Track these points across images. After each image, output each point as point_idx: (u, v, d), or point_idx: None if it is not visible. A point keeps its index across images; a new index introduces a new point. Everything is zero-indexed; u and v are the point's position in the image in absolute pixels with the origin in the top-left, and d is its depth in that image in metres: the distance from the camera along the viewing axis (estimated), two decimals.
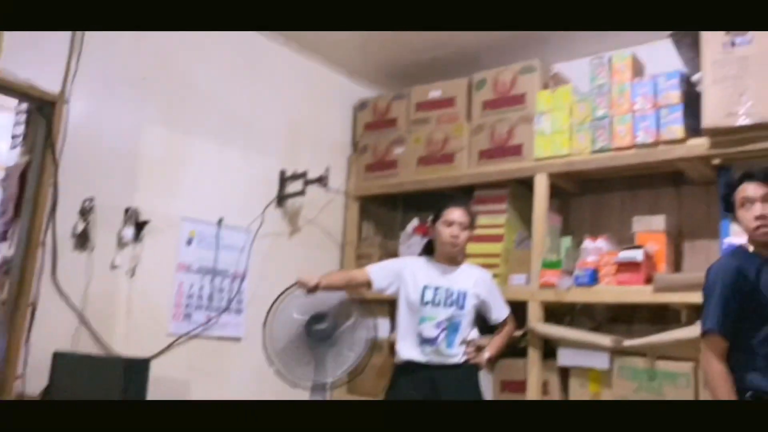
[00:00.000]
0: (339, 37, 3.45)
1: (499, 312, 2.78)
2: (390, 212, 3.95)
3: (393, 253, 3.40)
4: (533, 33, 3.28)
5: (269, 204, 3.39)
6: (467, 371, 2.64)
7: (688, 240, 3.02)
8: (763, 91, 2.48)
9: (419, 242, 3.40)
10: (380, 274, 2.74)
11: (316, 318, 2.71)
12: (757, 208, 2.10)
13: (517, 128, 3.21)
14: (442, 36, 3.40)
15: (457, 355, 2.63)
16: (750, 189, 2.13)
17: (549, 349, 2.98)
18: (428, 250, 2.82)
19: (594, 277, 2.85)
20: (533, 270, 3.02)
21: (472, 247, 3.28)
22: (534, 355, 2.95)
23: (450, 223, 2.69)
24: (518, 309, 3.10)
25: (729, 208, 2.21)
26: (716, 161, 2.78)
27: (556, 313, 3.07)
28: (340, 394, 3.35)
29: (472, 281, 2.72)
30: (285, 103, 3.53)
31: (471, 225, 2.75)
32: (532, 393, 2.92)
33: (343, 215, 3.77)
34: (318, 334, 2.70)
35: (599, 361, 2.76)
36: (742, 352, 2.07)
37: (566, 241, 3.16)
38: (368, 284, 2.72)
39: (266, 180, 3.41)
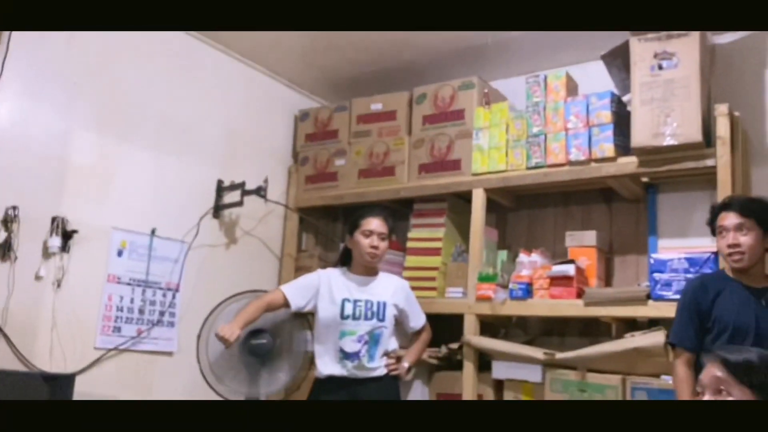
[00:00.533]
0: (281, 46, 3.43)
1: (417, 320, 2.80)
2: (330, 224, 3.94)
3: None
4: (472, 49, 3.34)
5: (205, 214, 3.32)
6: (388, 383, 2.63)
7: (618, 255, 3.12)
8: (687, 113, 2.60)
9: None
10: (296, 293, 2.67)
11: (254, 332, 2.66)
12: (730, 237, 2.22)
13: (456, 143, 3.25)
14: (384, 50, 3.43)
15: (378, 367, 2.62)
16: (726, 218, 2.25)
17: (484, 361, 3.01)
18: (344, 261, 2.78)
19: (528, 291, 2.91)
20: (470, 283, 3.06)
21: (411, 260, 3.33)
22: (469, 367, 2.97)
23: (369, 234, 2.66)
24: (454, 322, 3.14)
25: (713, 232, 2.32)
26: (645, 179, 2.89)
27: (491, 325, 3.11)
28: None
29: (391, 291, 2.71)
30: (224, 111, 3.48)
31: (390, 235, 2.73)
32: None
33: (282, 227, 3.73)
34: (256, 348, 2.65)
35: (532, 374, 2.81)
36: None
37: (502, 255, 3.22)
38: (286, 305, 2.66)
39: (203, 190, 3.34)
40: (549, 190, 3.18)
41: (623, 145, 2.81)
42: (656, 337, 2.50)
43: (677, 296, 2.52)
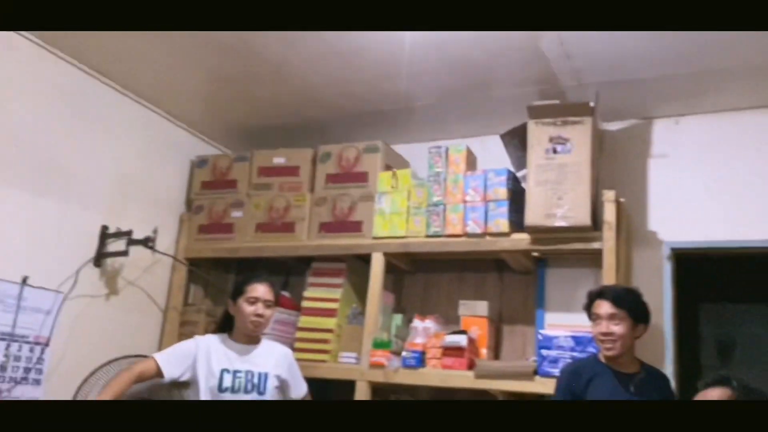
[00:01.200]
0: (182, 89, 3.31)
1: (299, 390, 2.72)
2: (221, 276, 3.79)
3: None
4: (378, 113, 3.38)
5: (86, 263, 3.08)
6: None
7: (507, 324, 3.20)
8: (578, 197, 2.74)
9: None
10: (170, 362, 2.52)
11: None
12: (603, 326, 2.34)
13: (359, 205, 3.24)
14: (290, 104, 3.39)
15: None
16: (600, 307, 2.37)
17: None
18: (224, 327, 2.65)
19: (421, 360, 2.91)
20: (364, 348, 3.02)
21: (305, 321, 3.25)
22: None
23: (254, 301, 2.56)
24: (345, 385, 3.08)
25: (590, 317, 2.42)
26: (536, 254, 3.01)
27: (381, 389, 3.08)
28: None
29: (273, 361, 2.61)
30: (115, 153, 3.28)
31: (276, 302, 2.65)
32: None
33: (169, 278, 3.54)
34: None
35: None
36: None
37: (397, 319, 3.22)
38: (159, 374, 2.49)
39: (85, 236, 3.11)
40: (446, 257, 3.23)
41: (517, 221, 2.91)
42: None
43: None
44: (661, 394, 2.35)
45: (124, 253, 3.16)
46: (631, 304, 2.38)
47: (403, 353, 2.95)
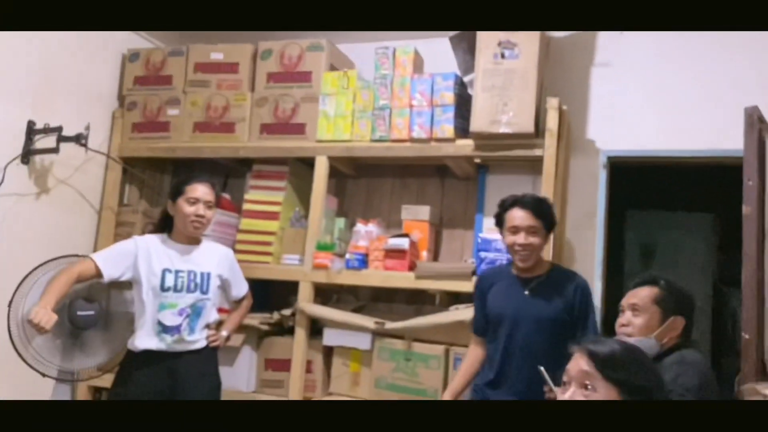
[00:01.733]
0: None
1: (239, 289, 2.76)
2: (157, 177, 3.68)
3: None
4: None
5: (12, 160, 2.92)
6: (207, 355, 2.56)
7: (447, 228, 3.28)
8: (523, 104, 2.76)
9: None
10: (109, 262, 2.46)
11: (80, 301, 2.44)
12: (521, 237, 2.36)
13: (302, 106, 3.16)
14: None
15: (198, 340, 2.53)
16: (518, 217, 2.37)
17: (315, 328, 3.05)
18: (164, 227, 2.61)
19: (364, 262, 2.96)
20: (307, 251, 3.04)
21: (246, 223, 3.23)
22: (300, 334, 2.99)
23: (194, 201, 2.50)
24: (287, 287, 3.13)
25: (499, 224, 2.45)
26: (478, 160, 3.04)
27: (324, 290, 3.14)
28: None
29: (216, 261, 2.61)
30: (39, 42, 3.04)
31: (217, 203, 2.61)
32: (296, 371, 2.97)
33: (103, 177, 3.41)
34: (81, 321, 2.44)
35: (362, 342, 2.90)
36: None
37: (340, 222, 3.24)
38: (98, 275, 2.43)
39: (10, 132, 2.93)
40: (390, 162, 3.23)
41: (462, 127, 2.92)
42: None
43: None
44: (560, 294, 2.36)
45: (54, 150, 3.00)
46: (547, 216, 2.39)
47: (347, 255, 2.99)
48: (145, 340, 2.44)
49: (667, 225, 4.43)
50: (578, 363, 1.43)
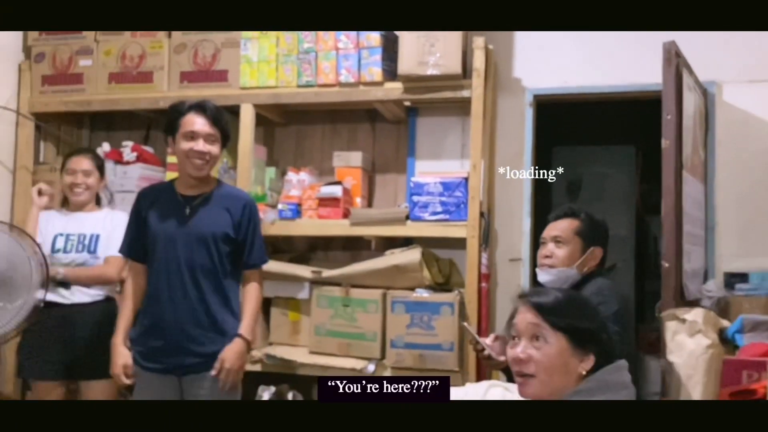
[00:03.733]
0: None
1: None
2: (74, 132, 3.49)
3: None
4: None
5: None
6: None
7: (379, 174, 3.27)
8: (449, 45, 2.74)
9: (113, 169, 3.11)
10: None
11: None
12: (199, 143, 2.19)
13: (223, 52, 3.04)
14: None
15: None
16: (197, 123, 2.21)
17: None
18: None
19: (297, 211, 2.94)
20: None
21: (172, 177, 3.11)
22: None
23: (72, 172, 2.66)
24: None
25: (171, 131, 2.26)
26: (407, 103, 3.03)
27: None
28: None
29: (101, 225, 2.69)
30: None
31: (101, 173, 2.74)
32: None
33: (14, 135, 3.21)
34: None
35: (300, 291, 2.90)
36: None
37: (270, 172, 3.18)
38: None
39: None
40: (318, 108, 3.17)
41: (390, 70, 2.88)
42: (413, 255, 2.73)
43: (434, 217, 2.78)
44: (225, 211, 2.25)
45: None
46: (224, 126, 2.27)
47: (279, 206, 2.95)
48: None
49: (592, 159, 4.56)
50: (525, 316, 1.43)
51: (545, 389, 1.39)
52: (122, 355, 2.20)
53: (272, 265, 2.91)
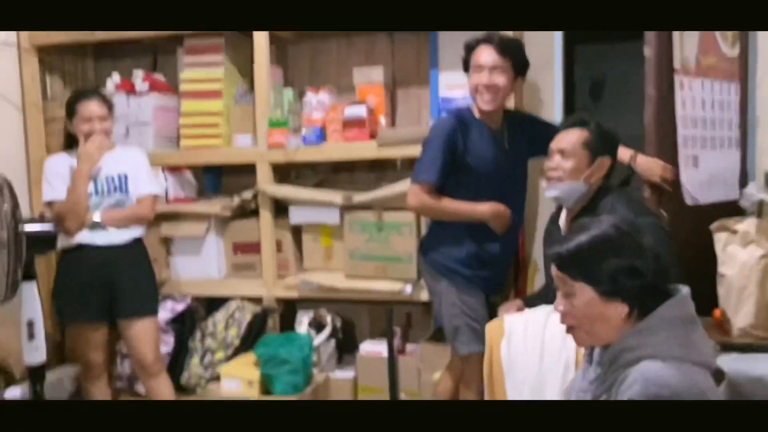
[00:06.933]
0: None
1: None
2: (79, 64, 3.33)
3: None
4: None
5: None
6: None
7: (401, 88, 3.13)
8: None
9: (125, 101, 3.01)
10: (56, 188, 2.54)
11: None
12: (484, 77, 2.22)
13: None
14: None
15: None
16: (483, 55, 2.22)
17: (280, 207, 2.98)
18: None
19: (321, 136, 2.84)
20: (259, 129, 2.88)
21: (188, 105, 3.02)
22: (266, 216, 2.92)
23: (88, 119, 2.53)
24: (244, 169, 3.01)
25: (466, 68, 2.29)
26: None
27: (281, 168, 3.02)
28: None
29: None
30: None
31: (110, 113, 2.62)
32: (267, 252, 2.94)
33: (18, 70, 3.07)
34: None
35: (330, 217, 2.86)
36: None
37: (288, 94, 3.05)
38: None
39: None
40: None
41: None
42: None
43: None
44: (529, 136, 2.36)
45: None
46: (516, 54, 2.28)
47: (303, 131, 2.85)
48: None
49: (617, 57, 4.37)
50: (553, 270, 1.37)
51: (593, 339, 1.36)
52: None
53: (302, 194, 2.88)
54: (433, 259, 2.39)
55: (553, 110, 2.89)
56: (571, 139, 2.03)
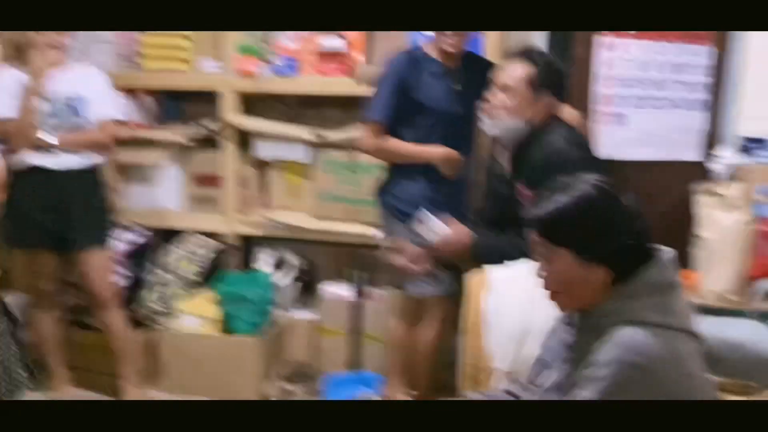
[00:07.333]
0: None
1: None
2: None
3: None
4: None
5: None
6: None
7: None
8: None
9: None
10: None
11: None
12: None
13: None
14: None
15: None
16: None
17: (242, 139, 2.82)
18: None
19: (294, 68, 2.67)
20: (226, 55, 2.69)
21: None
22: (230, 148, 2.77)
23: None
24: (204, 96, 2.82)
25: None
26: None
27: (247, 97, 2.85)
28: None
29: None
30: None
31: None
32: (229, 186, 2.80)
33: None
34: None
35: (298, 154, 2.73)
36: None
37: None
38: None
39: None
40: None
41: None
42: None
43: None
44: (485, 79, 2.07)
45: None
46: None
47: (275, 60, 2.68)
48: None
49: None
50: (531, 235, 1.31)
51: (576, 302, 1.32)
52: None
53: (271, 127, 2.74)
54: (388, 202, 2.33)
55: None
56: (514, 75, 1.90)
